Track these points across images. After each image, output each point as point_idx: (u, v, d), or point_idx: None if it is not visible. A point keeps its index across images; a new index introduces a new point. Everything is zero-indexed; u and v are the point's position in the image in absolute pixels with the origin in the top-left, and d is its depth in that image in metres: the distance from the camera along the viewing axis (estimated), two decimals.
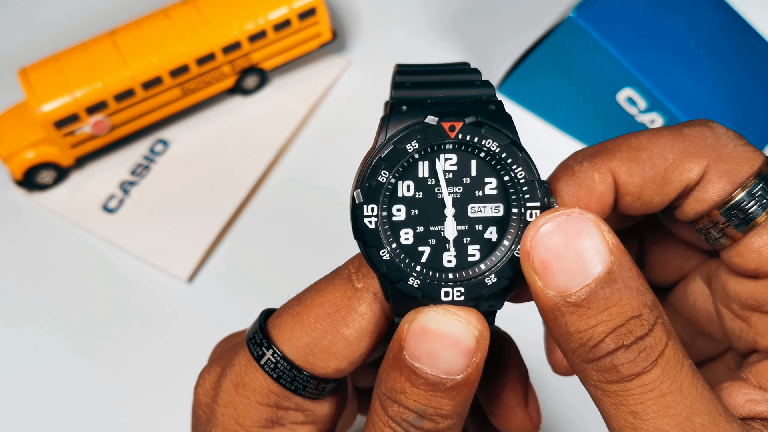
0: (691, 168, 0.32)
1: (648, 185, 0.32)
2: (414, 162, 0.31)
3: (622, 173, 0.32)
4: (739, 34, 0.70)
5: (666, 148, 0.32)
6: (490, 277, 0.31)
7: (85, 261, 0.68)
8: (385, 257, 0.30)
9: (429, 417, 0.30)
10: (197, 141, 0.74)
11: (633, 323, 0.28)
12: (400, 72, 0.32)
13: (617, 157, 0.33)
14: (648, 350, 0.28)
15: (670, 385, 0.28)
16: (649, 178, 0.32)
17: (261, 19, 0.71)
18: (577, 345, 0.29)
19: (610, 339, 0.28)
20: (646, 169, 0.32)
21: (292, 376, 0.33)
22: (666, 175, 0.32)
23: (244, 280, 0.67)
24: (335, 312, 0.32)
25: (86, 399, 0.62)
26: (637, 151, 0.32)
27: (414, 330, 0.30)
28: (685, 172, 0.32)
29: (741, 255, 0.32)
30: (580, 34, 0.65)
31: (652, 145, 0.32)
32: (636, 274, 0.28)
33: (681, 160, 0.32)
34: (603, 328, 0.28)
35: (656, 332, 0.28)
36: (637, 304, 0.28)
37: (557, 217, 0.28)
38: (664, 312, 0.29)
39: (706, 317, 0.37)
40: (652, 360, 0.28)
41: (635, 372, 0.28)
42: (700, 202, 0.32)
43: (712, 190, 0.32)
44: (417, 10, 0.82)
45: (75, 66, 0.68)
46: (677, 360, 0.28)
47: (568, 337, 0.29)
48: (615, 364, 0.28)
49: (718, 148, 0.32)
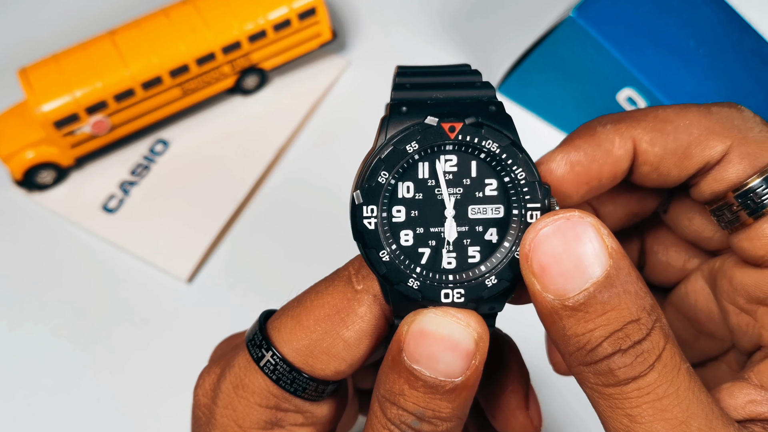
0: (714, 146, 0.32)
1: (668, 157, 0.33)
2: (414, 163, 0.30)
3: (644, 142, 0.33)
4: (739, 34, 0.70)
5: (692, 123, 0.32)
6: (491, 279, 0.31)
7: (85, 261, 0.68)
8: (384, 258, 0.30)
9: (428, 419, 0.30)
10: (197, 141, 0.74)
11: (631, 327, 0.28)
12: (401, 74, 0.32)
13: (642, 126, 0.33)
14: (645, 354, 0.28)
15: (667, 388, 0.28)
16: (671, 150, 0.32)
17: (261, 19, 0.71)
18: (575, 348, 0.29)
19: (608, 343, 0.28)
20: (669, 141, 0.32)
21: (291, 377, 0.33)
22: (688, 149, 0.32)
23: (243, 280, 0.67)
24: (335, 314, 0.32)
25: (86, 399, 0.62)
26: (663, 122, 0.33)
27: (413, 332, 0.29)
28: (708, 149, 0.32)
29: (751, 240, 0.32)
30: (580, 34, 0.65)
31: (678, 119, 0.33)
32: (635, 278, 0.28)
33: (705, 136, 0.32)
34: (601, 332, 0.28)
35: (654, 336, 0.28)
36: (635, 309, 0.28)
37: (557, 221, 0.28)
38: (663, 315, 0.29)
39: (708, 316, 0.37)
40: (648, 364, 0.28)
41: (632, 376, 0.28)
42: (719, 181, 0.32)
43: (731, 171, 0.32)
44: (417, 10, 0.82)
45: (75, 66, 0.68)
46: (674, 364, 0.28)
47: (565, 340, 0.29)
48: (612, 368, 0.28)
49: (744, 131, 0.32)
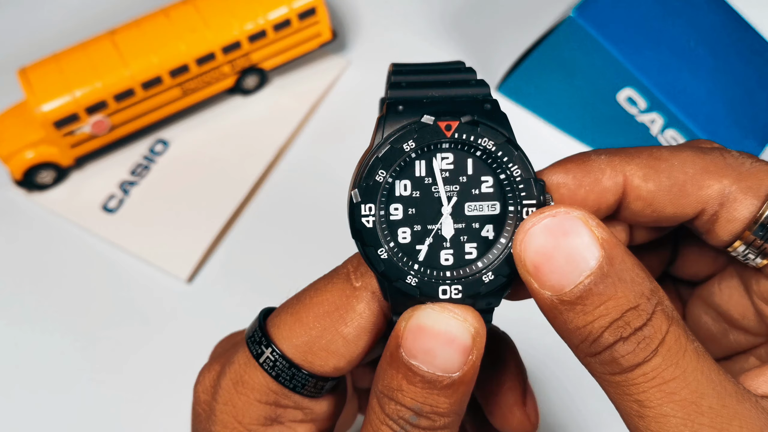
0: (710, 185, 0.32)
1: (662, 194, 0.33)
2: (411, 161, 0.31)
3: (637, 177, 0.33)
4: (739, 34, 0.70)
5: (686, 162, 0.32)
6: (488, 275, 0.31)
7: (85, 261, 0.68)
8: (383, 256, 0.30)
9: (426, 415, 0.30)
10: (197, 141, 0.74)
11: (630, 315, 0.28)
12: (396, 72, 0.32)
13: (635, 162, 0.33)
14: (647, 340, 0.28)
15: (673, 371, 0.28)
16: (665, 187, 0.32)
17: (261, 19, 0.71)
18: (579, 341, 0.29)
19: (608, 333, 0.28)
20: (663, 178, 0.32)
21: (290, 374, 0.33)
22: (684, 187, 0.32)
23: (243, 280, 0.67)
24: (334, 311, 0.33)
25: (86, 399, 0.62)
26: (657, 160, 0.33)
27: (410, 327, 0.30)
28: (704, 188, 0.32)
29: None
30: (580, 34, 0.65)
31: (672, 158, 0.33)
32: (630, 265, 0.28)
33: (701, 175, 0.32)
34: (601, 323, 0.28)
35: (655, 321, 0.28)
36: (633, 296, 0.28)
37: (543, 219, 0.29)
38: (666, 298, 0.29)
39: (742, 312, 0.37)
40: (652, 349, 0.28)
41: (635, 362, 0.28)
42: (732, 222, 0.32)
43: (741, 208, 0.32)
44: (417, 10, 0.82)
45: (75, 66, 0.68)
46: (679, 346, 0.28)
47: (569, 333, 0.29)
48: (615, 357, 0.28)
49: (736, 167, 0.32)
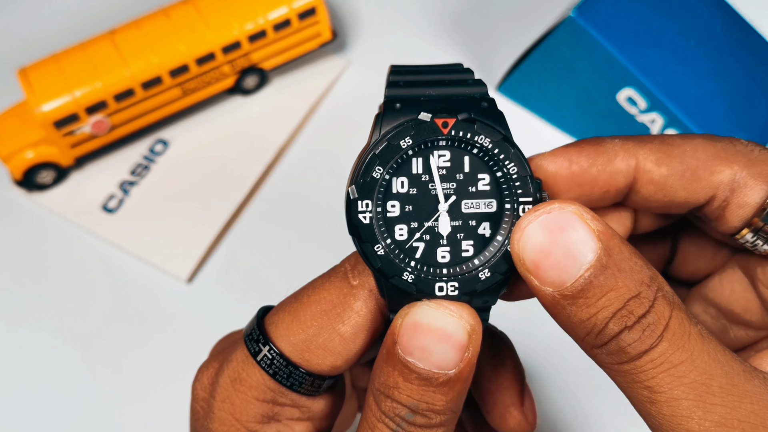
0: (722, 170, 0.33)
1: (674, 178, 0.33)
2: (408, 158, 0.31)
3: (650, 162, 0.33)
4: (739, 34, 0.70)
5: (698, 149, 0.33)
6: (484, 272, 0.31)
7: (85, 261, 0.68)
8: (379, 252, 0.31)
9: (422, 412, 0.30)
10: (197, 141, 0.74)
11: (632, 303, 0.28)
12: (394, 72, 0.32)
13: (648, 147, 0.34)
14: (652, 326, 0.28)
15: (680, 355, 0.28)
16: (677, 171, 0.33)
17: (261, 18, 0.71)
18: (584, 333, 0.29)
19: (613, 323, 0.28)
20: (675, 163, 0.33)
21: (288, 372, 0.33)
22: (696, 172, 0.33)
23: (243, 280, 0.67)
24: (331, 309, 0.33)
25: (86, 399, 0.62)
26: (670, 146, 0.33)
27: (407, 324, 0.30)
28: (716, 173, 0.33)
29: None
30: (580, 34, 0.65)
31: (684, 144, 0.33)
32: (628, 254, 0.29)
33: (713, 161, 0.33)
34: (604, 314, 0.28)
35: (657, 307, 0.28)
36: (633, 284, 0.28)
37: (538, 216, 0.29)
38: (665, 283, 0.29)
39: (745, 305, 0.37)
40: (657, 335, 0.28)
41: (642, 350, 0.28)
42: (743, 207, 0.33)
43: (751, 193, 0.32)
44: (417, 10, 0.82)
45: (75, 66, 0.68)
46: (684, 330, 0.28)
47: (573, 327, 0.29)
48: (622, 346, 0.28)
49: (746, 153, 0.33)
